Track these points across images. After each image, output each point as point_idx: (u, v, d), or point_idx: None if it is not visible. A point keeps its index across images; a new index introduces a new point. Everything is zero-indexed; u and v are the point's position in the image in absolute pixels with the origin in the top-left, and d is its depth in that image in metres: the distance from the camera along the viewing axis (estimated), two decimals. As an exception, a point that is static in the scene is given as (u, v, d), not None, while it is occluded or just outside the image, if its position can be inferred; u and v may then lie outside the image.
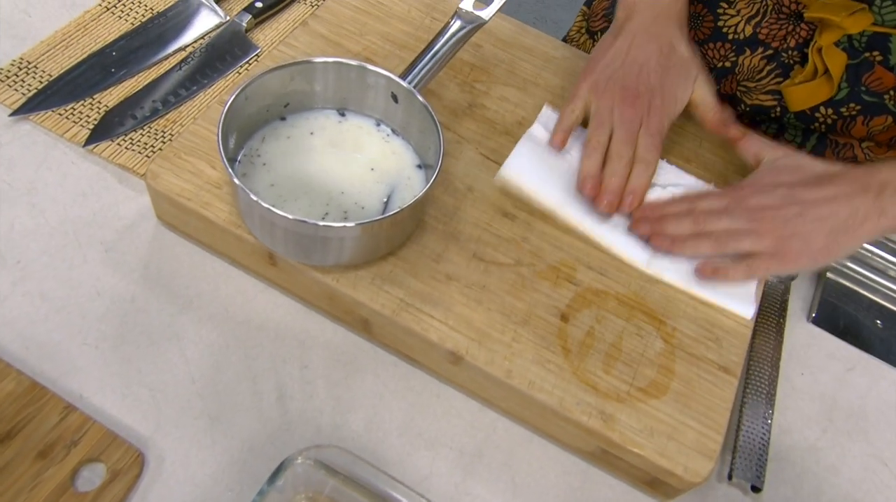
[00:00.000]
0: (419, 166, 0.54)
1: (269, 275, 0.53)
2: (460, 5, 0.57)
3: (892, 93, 0.62)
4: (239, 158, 0.51)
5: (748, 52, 0.66)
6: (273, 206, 0.44)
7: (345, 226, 0.45)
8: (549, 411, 0.47)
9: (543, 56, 0.67)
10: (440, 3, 0.68)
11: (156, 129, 0.60)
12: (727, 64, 0.68)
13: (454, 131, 0.60)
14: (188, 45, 0.66)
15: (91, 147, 0.58)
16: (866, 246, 0.66)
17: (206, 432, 0.47)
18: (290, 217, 0.44)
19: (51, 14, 0.66)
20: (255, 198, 0.44)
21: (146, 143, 0.59)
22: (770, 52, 0.65)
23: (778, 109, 0.67)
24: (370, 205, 0.52)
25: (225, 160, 0.45)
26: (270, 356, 0.51)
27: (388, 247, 0.50)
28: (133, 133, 0.59)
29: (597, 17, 0.79)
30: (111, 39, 0.65)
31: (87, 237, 0.54)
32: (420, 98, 0.51)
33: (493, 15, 0.56)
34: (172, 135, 0.60)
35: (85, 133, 0.59)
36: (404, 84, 0.51)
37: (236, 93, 0.48)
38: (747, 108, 0.69)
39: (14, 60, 0.61)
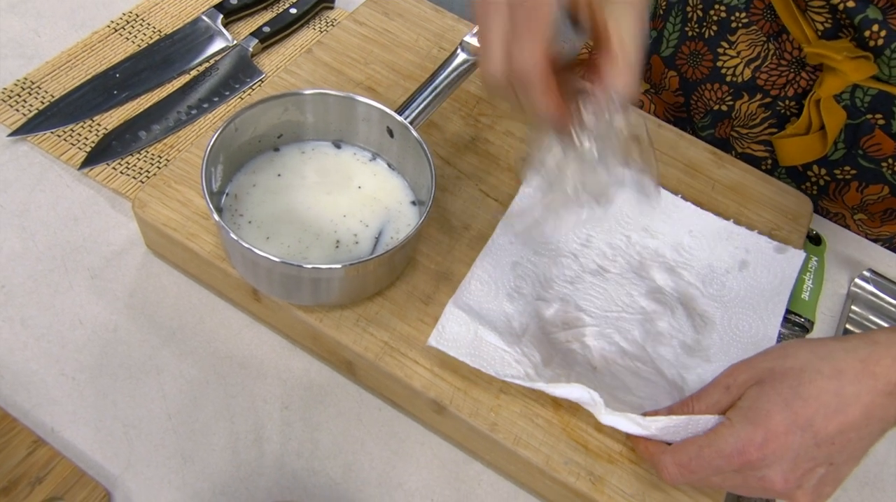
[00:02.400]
0: (413, 203, 0.53)
1: (253, 310, 0.51)
2: (465, 38, 0.55)
3: (890, 160, 0.59)
4: (223, 215, 0.49)
5: (746, 96, 0.63)
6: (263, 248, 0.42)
7: (331, 268, 0.43)
8: (534, 468, 0.45)
9: (553, 89, 0.64)
10: (449, 32, 0.67)
11: (152, 154, 0.59)
12: (724, 107, 0.65)
13: (454, 166, 0.58)
14: (193, 69, 0.66)
15: (86, 170, 0.57)
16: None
17: (177, 472, 0.46)
18: (275, 259, 0.42)
19: (59, 34, 0.66)
20: (235, 236, 0.42)
21: (141, 168, 0.58)
22: (768, 99, 0.62)
23: (769, 162, 0.64)
24: (374, 225, 0.50)
25: (207, 195, 0.44)
26: (251, 394, 0.49)
27: (376, 288, 0.48)
28: (129, 157, 0.59)
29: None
30: (116, 61, 0.65)
31: (74, 263, 0.53)
32: (415, 133, 0.49)
33: (498, 48, 0.55)
34: (168, 162, 0.59)
35: (81, 155, 0.58)
36: (399, 118, 0.50)
37: (224, 126, 0.46)
38: (738, 156, 0.66)
39: (18, 80, 0.61)
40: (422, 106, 0.52)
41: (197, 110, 0.63)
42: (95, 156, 0.58)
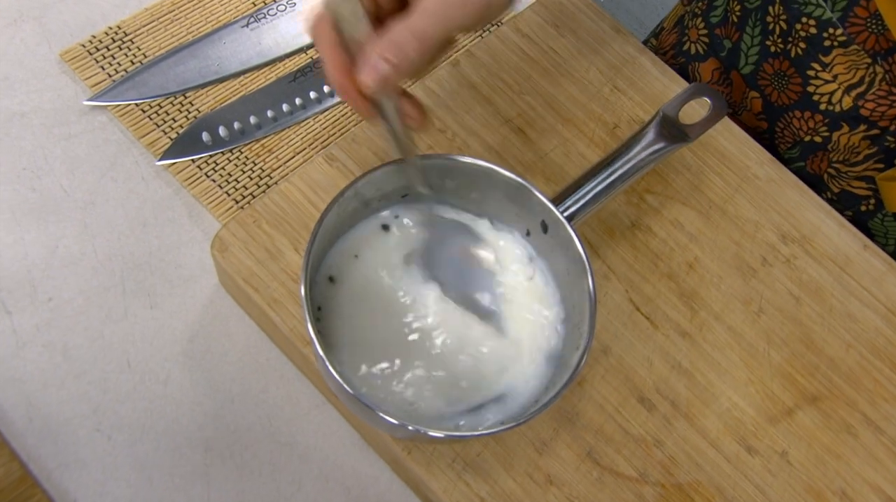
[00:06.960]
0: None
1: (333, 403, 0.42)
2: (664, 108, 0.42)
3: None
4: (318, 275, 0.39)
5: (846, 128, 0.52)
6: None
7: (428, 435, 0.33)
8: None
9: (742, 171, 0.51)
10: (629, 65, 0.53)
11: (246, 156, 0.49)
12: (817, 139, 0.54)
13: (603, 258, 0.46)
14: (310, 48, 0.54)
15: (167, 163, 0.48)
16: None
17: (207, 586, 0.39)
18: (350, 391, 0.33)
19: (165, -28, 0.55)
20: (321, 351, 0.32)
21: (230, 174, 0.48)
22: (875, 131, 0.51)
23: (872, 202, 0.53)
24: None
25: (304, 289, 0.34)
26: (308, 499, 0.41)
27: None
28: (219, 155, 0.49)
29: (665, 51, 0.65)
30: (225, 20, 0.54)
31: (134, 283, 0.44)
32: (590, 276, 0.37)
33: (700, 134, 0.42)
34: (262, 172, 0.49)
35: (165, 142, 0.48)
36: (577, 242, 0.37)
37: (343, 192, 0.36)
38: (833, 196, 0.56)
39: (111, 27, 0.51)
40: (588, 197, 0.40)
41: (307, 107, 0.52)
42: (180, 148, 0.48)
